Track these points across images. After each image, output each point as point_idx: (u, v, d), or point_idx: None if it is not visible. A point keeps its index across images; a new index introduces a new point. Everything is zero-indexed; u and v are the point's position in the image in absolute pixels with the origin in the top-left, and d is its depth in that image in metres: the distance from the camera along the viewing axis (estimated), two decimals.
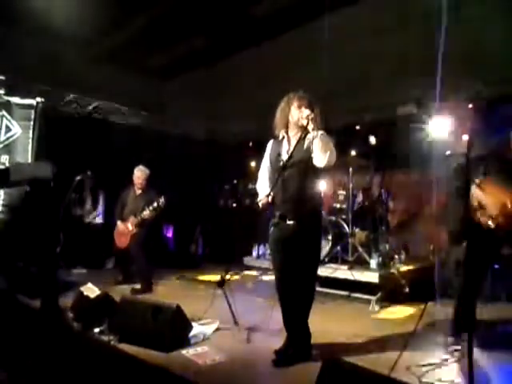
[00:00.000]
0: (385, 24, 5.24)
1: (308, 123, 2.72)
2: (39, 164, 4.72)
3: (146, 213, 4.95)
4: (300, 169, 2.80)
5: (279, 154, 2.92)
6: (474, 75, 4.55)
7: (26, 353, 2.08)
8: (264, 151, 3.10)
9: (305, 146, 2.80)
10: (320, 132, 2.73)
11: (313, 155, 2.73)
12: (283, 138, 2.96)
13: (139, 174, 5.26)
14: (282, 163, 2.83)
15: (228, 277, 3.65)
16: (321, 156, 2.69)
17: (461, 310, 3.29)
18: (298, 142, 2.78)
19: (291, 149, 2.81)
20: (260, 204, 2.90)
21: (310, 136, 2.77)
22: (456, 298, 3.21)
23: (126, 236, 5.10)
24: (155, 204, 4.93)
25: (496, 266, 4.52)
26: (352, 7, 5.50)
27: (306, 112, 2.74)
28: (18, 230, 4.59)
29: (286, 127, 2.93)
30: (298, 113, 2.81)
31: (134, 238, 5.05)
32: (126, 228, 5.11)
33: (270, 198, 2.83)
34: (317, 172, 2.81)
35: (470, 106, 4.48)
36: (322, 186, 3.37)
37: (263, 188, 2.99)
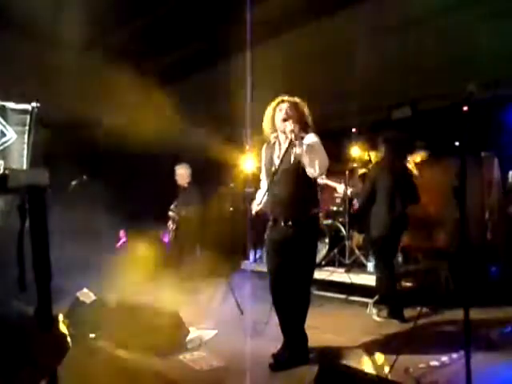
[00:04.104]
0: (384, 25, 5.27)
1: (291, 137, 2.67)
2: (36, 171, 4.69)
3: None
4: (289, 175, 2.80)
5: (272, 159, 2.93)
6: (467, 77, 4.58)
7: (17, 362, 2.06)
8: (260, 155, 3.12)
9: (291, 157, 2.78)
10: (306, 144, 2.66)
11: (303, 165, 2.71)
12: (274, 142, 2.95)
13: (182, 171, 5.53)
14: (274, 168, 2.83)
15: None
16: (311, 170, 2.68)
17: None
18: (286, 150, 2.75)
19: (281, 155, 2.80)
20: (253, 212, 2.96)
21: (293, 151, 2.74)
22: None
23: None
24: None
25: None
26: (352, 8, 5.53)
27: (289, 127, 2.69)
28: (11, 237, 4.55)
29: (276, 131, 2.92)
30: (281, 123, 2.79)
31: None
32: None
33: (259, 207, 2.89)
34: (309, 178, 2.77)
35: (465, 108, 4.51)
36: (319, 189, 3.37)
37: (260, 194, 3.01)
